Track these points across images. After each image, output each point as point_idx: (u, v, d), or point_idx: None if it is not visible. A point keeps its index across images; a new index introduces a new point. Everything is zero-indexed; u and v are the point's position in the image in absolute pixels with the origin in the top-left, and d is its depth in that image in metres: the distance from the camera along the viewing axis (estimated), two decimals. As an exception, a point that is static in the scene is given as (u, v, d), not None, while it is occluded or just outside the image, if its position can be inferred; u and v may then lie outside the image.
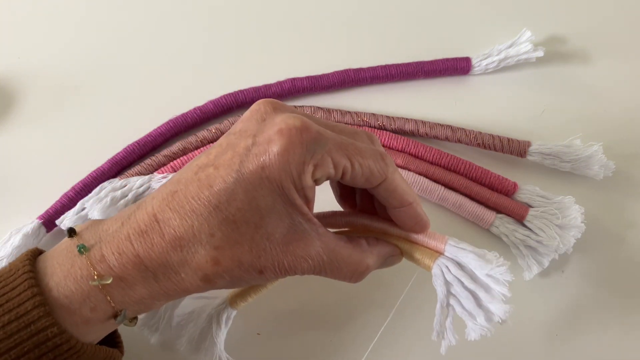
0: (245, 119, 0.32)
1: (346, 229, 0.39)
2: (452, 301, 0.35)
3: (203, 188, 0.30)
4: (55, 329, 0.29)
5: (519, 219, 0.46)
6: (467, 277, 0.34)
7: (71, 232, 0.32)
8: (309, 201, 0.32)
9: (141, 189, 0.46)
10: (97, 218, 0.44)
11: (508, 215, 0.46)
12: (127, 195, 0.45)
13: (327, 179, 0.32)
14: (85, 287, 0.30)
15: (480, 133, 0.49)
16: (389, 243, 0.37)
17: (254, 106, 0.33)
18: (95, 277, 0.30)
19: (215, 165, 0.31)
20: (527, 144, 0.48)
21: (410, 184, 0.47)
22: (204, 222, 0.30)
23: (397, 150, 0.49)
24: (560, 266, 0.45)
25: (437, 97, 0.53)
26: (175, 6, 0.58)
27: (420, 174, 0.47)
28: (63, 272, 0.30)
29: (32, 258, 0.32)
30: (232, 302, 0.40)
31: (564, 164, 0.47)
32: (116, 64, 0.55)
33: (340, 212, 0.39)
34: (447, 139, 0.49)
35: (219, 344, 0.40)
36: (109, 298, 0.30)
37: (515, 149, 0.48)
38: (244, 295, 0.39)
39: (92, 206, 0.44)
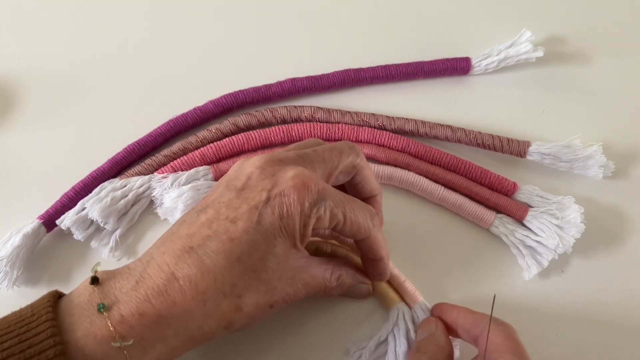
0: (248, 175, 0.35)
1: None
2: (389, 338, 0.41)
3: (224, 242, 0.32)
4: None
5: (519, 219, 0.46)
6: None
7: (94, 280, 0.32)
8: (304, 241, 0.35)
9: (141, 189, 0.46)
10: (97, 218, 0.44)
11: (508, 215, 0.46)
12: (127, 195, 0.46)
13: (320, 229, 0.37)
14: (105, 348, 0.30)
15: (480, 133, 0.49)
16: (364, 275, 0.42)
17: (254, 162, 0.36)
18: (117, 338, 0.30)
19: (231, 219, 0.33)
20: (527, 144, 0.48)
21: (411, 184, 0.47)
22: (227, 274, 0.32)
23: (397, 150, 0.49)
24: (559, 266, 0.45)
25: (437, 97, 0.53)
26: (175, 6, 0.58)
27: (420, 174, 0.47)
28: (82, 330, 0.30)
29: (54, 303, 0.32)
30: None
31: (563, 164, 0.47)
32: (116, 64, 0.55)
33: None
34: (447, 139, 0.49)
35: None
36: (128, 358, 0.30)
37: (515, 149, 0.48)
38: None
39: (92, 206, 0.44)
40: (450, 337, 0.40)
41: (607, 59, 0.55)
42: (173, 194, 0.44)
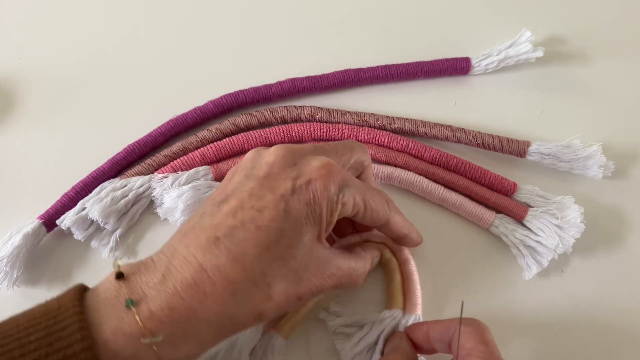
0: (270, 164, 0.35)
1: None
2: (366, 326, 0.42)
3: (251, 231, 0.32)
4: None
5: (519, 218, 0.46)
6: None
7: (119, 275, 0.32)
8: (327, 233, 0.36)
9: (141, 189, 0.46)
10: (97, 218, 0.44)
11: (507, 215, 0.46)
12: (127, 195, 0.46)
13: (342, 216, 0.37)
14: (134, 344, 0.30)
15: (480, 133, 0.49)
16: (375, 247, 0.44)
17: (274, 151, 0.36)
18: (147, 335, 0.30)
19: (257, 208, 0.33)
20: (527, 144, 0.48)
21: (411, 184, 0.47)
22: (256, 263, 0.32)
23: (397, 150, 0.49)
24: (559, 266, 0.45)
25: (437, 97, 0.53)
26: (175, 6, 0.58)
27: (420, 174, 0.47)
28: (111, 327, 0.30)
29: (81, 297, 0.31)
30: (281, 330, 0.41)
31: (563, 163, 0.47)
32: (116, 64, 0.55)
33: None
34: (447, 139, 0.49)
35: None
36: (158, 354, 0.30)
37: (515, 149, 0.48)
38: (292, 322, 0.41)
39: (92, 206, 0.44)
40: (426, 355, 0.40)
41: (607, 59, 0.55)
42: (173, 193, 0.44)
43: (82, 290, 0.32)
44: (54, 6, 0.58)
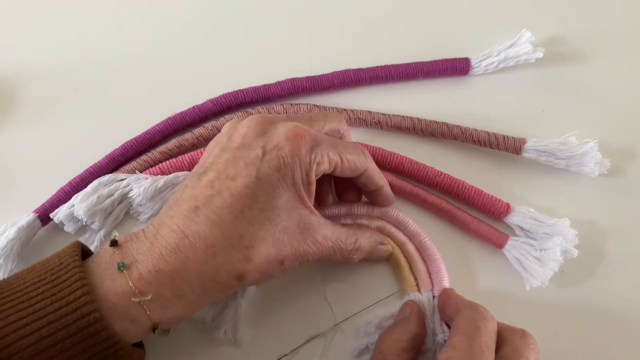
0: (243, 135, 0.37)
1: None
2: None
3: (226, 198, 0.35)
4: (97, 314, 0.32)
5: (498, 247, 0.45)
6: None
7: (113, 243, 0.35)
8: (311, 196, 0.37)
9: (127, 188, 0.46)
10: (83, 217, 0.44)
11: (488, 240, 0.46)
12: (113, 194, 0.45)
13: (322, 174, 0.38)
14: (126, 303, 0.33)
15: (476, 130, 0.48)
16: (380, 234, 0.44)
17: (246, 123, 0.38)
18: (136, 294, 0.33)
19: (231, 177, 0.35)
20: (522, 140, 0.47)
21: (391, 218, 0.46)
22: (232, 227, 0.34)
23: (388, 169, 0.48)
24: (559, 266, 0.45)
25: (436, 97, 0.53)
26: (175, 5, 0.58)
27: (404, 194, 0.47)
28: (105, 288, 0.33)
29: (79, 252, 0.35)
30: None
31: (559, 160, 0.47)
32: (116, 63, 0.55)
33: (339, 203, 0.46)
34: (443, 135, 0.49)
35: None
36: (148, 312, 0.33)
37: (511, 146, 0.48)
38: None
39: (79, 205, 0.44)
40: None
41: (606, 59, 0.54)
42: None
43: (80, 246, 0.36)
44: (54, 6, 0.58)
